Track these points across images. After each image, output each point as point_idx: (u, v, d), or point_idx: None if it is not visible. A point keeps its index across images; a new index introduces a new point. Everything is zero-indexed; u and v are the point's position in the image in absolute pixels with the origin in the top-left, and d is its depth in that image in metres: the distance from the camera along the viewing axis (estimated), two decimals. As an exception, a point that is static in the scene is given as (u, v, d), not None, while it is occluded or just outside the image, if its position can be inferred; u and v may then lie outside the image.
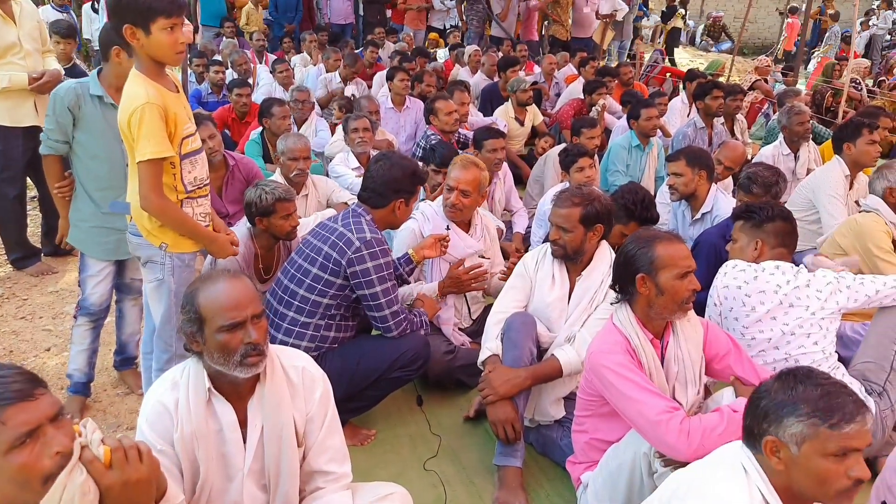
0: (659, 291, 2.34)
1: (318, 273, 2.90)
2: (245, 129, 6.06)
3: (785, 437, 1.64)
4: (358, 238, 2.85)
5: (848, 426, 1.59)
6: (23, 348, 3.90)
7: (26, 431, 1.43)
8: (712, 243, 3.60)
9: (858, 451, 1.61)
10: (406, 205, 3.06)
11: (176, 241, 2.65)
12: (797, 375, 1.70)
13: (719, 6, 18.36)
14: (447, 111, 5.39)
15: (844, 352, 3.15)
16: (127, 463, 1.56)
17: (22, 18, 4.24)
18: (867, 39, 15.26)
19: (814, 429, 1.60)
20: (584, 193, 2.96)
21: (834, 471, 1.60)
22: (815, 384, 1.66)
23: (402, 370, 3.00)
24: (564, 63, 9.21)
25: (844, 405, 1.61)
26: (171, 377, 2.00)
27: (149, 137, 2.43)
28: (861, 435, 1.60)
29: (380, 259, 2.86)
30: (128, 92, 2.48)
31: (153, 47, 2.42)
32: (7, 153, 4.34)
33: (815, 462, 1.61)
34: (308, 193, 4.44)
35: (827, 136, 6.47)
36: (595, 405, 2.48)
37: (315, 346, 2.92)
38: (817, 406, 1.61)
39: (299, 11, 11.28)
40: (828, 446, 1.59)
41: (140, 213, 2.62)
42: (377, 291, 2.87)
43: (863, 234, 3.52)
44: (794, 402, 1.64)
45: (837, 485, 1.61)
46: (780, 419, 1.64)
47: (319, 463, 2.11)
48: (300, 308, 2.92)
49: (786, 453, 1.64)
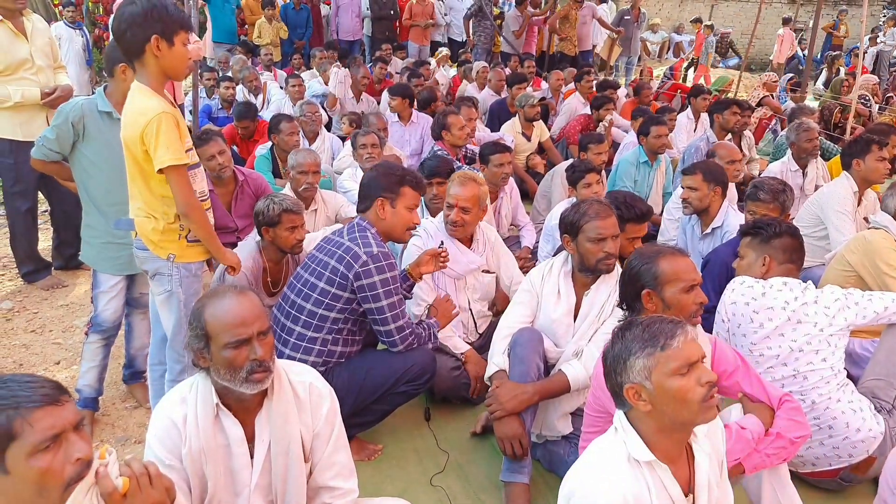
0: (666, 306, 2.34)
1: (325, 287, 2.89)
2: (253, 147, 6.11)
3: (637, 378, 1.79)
4: (365, 252, 2.85)
5: (674, 341, 1.77)
6: (33, 361, 3.92)
7: (52, 435, 1.47)
8: (723, 261, 3.58)
9: (698, 362, 1.78)
10: (391, 206, 2.97)
11: (182, 251, 2.69)
12: (620, 330, 1.90)
13: (727, 22, 18.39)
14: (459, 126, 5.41)
15: (854, 369, 3.14)
16: (140, 491, 1.60)
17: (34, 35, 4.31)
18: (874, 56, 15.25)
19: (651, 358, 1.78)
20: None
21: (686, 385, 1.75)
22: (636, 325, 1.86)
23: (408, 384, 2.99)
24: (572, 79, 9.26)
25: (663, 328, 1.81)
26: (180, 393, 2.01)
27: (168, 145, 2.49)
28: (690, 346, 1.78)
29: (386, 273, 2.86)
30: (137, 105, 2.52)
31: (174, 59, 2.50)
32: (19, 167, 4.38)
33: (669, 384, 1.75)
34: (317, 208, 4.47)
35: (835, 153, 6.46)
36: (602, 421, 2.47)
37: (322, 360, 2.92)
38: (644, 338, 1.81)
39: (309, 28, 11.39)
40: (670, 365, 1.76)
41: (144, 226, 2.67)
42: (383, 305, 2.87)
43: (871, 251, 3.50)
44: (627, 346, 1.83)
45: (695, 395, 1.75)
46: (625, 365, 1.82)
47: (326, 478, 2.11)
48: (307, 323, 2.92)
49: (645, 392, 1.78)
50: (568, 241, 2.96)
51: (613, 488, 1.74)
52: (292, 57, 10.43)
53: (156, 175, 2.56)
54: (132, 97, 2.56)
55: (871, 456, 2.75)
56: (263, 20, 10.73)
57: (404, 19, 11.67)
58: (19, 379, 1.50)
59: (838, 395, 2.74)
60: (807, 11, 16.36)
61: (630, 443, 1.81)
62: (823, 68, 14.29)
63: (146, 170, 2.58)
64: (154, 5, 2.45)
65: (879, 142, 4.26)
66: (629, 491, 1.75)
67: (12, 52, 4.19)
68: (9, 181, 4.54)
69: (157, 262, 2.70)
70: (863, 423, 2.72)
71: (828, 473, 2.85)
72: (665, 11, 17.72)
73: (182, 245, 2.69)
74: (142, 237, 2.71)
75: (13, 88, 4.22)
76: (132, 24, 2.45)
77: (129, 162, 2.61)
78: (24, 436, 1.44)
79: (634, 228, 3.64)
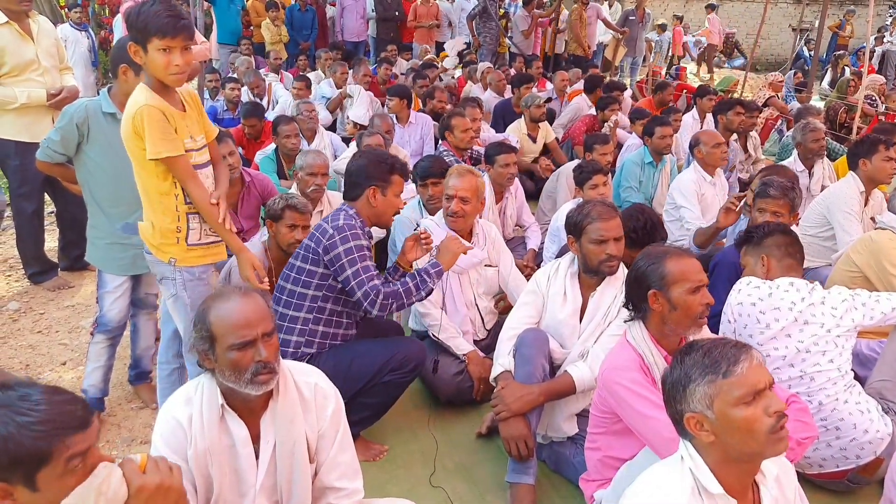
0: (672, 307, 2.34)
1: (300, 265, 2.99)
2: (259, 148, 6.12)
3: (698, 407, 1.68)
4: (332, 226, 2.94)
5: (738, 367, 1.65)
6: (39, 362, 3.93)
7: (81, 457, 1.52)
8: (732, 263, 3.56)
9: (765, 389, 1.66)
10: (382, 194, 3.03)
11: (183, 255, 2.70)
12: (680, 352, 1.78)
13: (732, 22, 18.35)
14: (463, 128, 5.40)
15: (861, 370, 3.13)
16: (158, 470, 1.64)
17: (40, 36, 4.32)
18: (881, 56, 15.21)
19: (713, 385, 1.66)
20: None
21: (753, 415, 1.63)
22: (695, 350, 1.74)
23: (393, 373, 3.00)
24: (577, 80, 9.25)
25: (725, 353, 1.68)
26: (185, 393, 2.02)
27: (161, 136, 2.50)
28: (756, 372, 1.65)
29: (350, 242, 2.90)
30: (129, 101, 2.56)
31: (150, 66, 2.50)
32: (25, 168, 4.40)
33: (733, 414, 1.63)
34: (323, 209, 4.47)
35: (841, 153, 6.43)
36: (608, 422, 2.47)
37: (306, 340, 2.97)
38: (704, 364, 1.69)
39: (314, 29, 11.40)
40: (734, 394, 1.63)
41: (147, 230, 2.69)
42: (348, 274, 2.90)
43: (877, 252, 3.49)
44: (686, 372, 1.71)
45: (763, 425, 1.62)
46: (684, 392, 1.70)
47: (331, 479, 2.11)
48: (287, 302, 2.99)
49: (707, 422, 1.67)
50: (572, 241, 2.96)
51: None
52: (298, 58, 10.44)
53: (152, 170, 2.57)
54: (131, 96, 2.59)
55: (878, 457, 2.74)
56: (269, 22, 10.74)
57: (409, 20, 11.68)
58: (56, 398, 1.53)
59: (845, 397, 2.73)
60: (812, 11, 16.30)
61: (699, 474, 1.70)
62: (829, 68, 14.26)
63: (145, 166, 2.58)
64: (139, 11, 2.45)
65: (886, 142, 4.24)
66: None
67: (18, 53, 4.20)
68: (15, 182, 4.56)
69: (161, 265, 2.72)
70: (870, 425, 2.71)
71: (835, 475, 2.84)
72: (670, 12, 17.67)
73: (182, 248, 2.69)
74: (144, 241, 2.73)
75: (19, 90, 4.23)
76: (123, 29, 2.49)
77: (134, 160, 2.62)
78: (58, 458, 1.48)
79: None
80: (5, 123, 4.32)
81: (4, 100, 4.21)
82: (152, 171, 2.58)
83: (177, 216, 2.65)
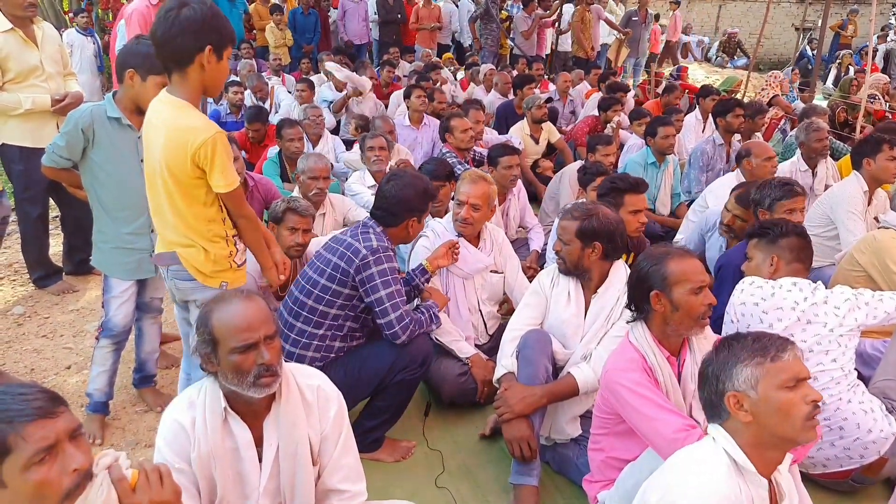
0: (674, 308, 2.34)
1: (326, 283, 2.95)
2: (263, 152, 6.14)
3: (741, 386, 1.80)
4: (365, 247, 2.92)
5: (785, 355, 1.80)
6: (44, 366, 3.94)
7: (45, 447, 1.46)
8: (737, 266, 3.55)
9: (805, 379, 1.79)
10: (419, 222, 3.14)
11: (234, 276, 2.66)
12: (726, 340, 1.92)
13: (734, 22, 18.34)
14: (462, 129, 5.41)
15: (865, 369, 3.12)
16: (149, 486, 1.61)
17: (44, 42, 4.34)
18: (884, 54, 15.17)
19: (761, 367, 1.79)
20: (587, 209, 2.97)
21: (793, 399, 1.76)
22: (743, 337, 1.88)
23: (405, 371, 2.99)
24: (579, 81, 9.24)
25: (773, 340, 1.83)
26: (188, 397, 2.03)
27: (223, 169, 2.42)
28: (799, 363, 1.80)
29: (384, 264, 2.92)
30: (182, 123, 2.39)
31: (218, 73, 2.42)
32: (29, 174, 4.42)
33: (776, 396, 1.76)
34: (325, 212, 4.49)
35: (844, 152, 6.42)
36: (611, 423, 2.47)
37: (321, 356, 2.97)
38: (753, 349, 1.83)
39: (317, 32, 11.42)
40: (780, 377, 1.77)
41: (194, 258, 2.57)
42: (382, 296, 2.91)
43: (881, 251, 3.48)
44: (734, 353, 1.85)
45: (800, 411, 1.75)
46: (730, 372, 1.83)
47: (334, 482, 2.12)
48: (308, 319, 2.97)
49: (748, 401, 1.79)
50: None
51: (715, 489, 1.73)
52: (301, 61, 10.46)
53: (200, 198, 2.47)
54: (171, 112, 2.41)
55: (882, 457, 2.73)
56: (272, 25, 10.77)
57: (411, 23, 11.70)
58: (13, 391, 1.50)
59: (849, 396, 2.72)
60: (815, 11, 16.27)
61: (733, 453, 1.80)
62: (832, 67, 14.23)
63: (193, 193, 2.47)
64: (215, 13, 2.35)
65: (890, 141, 4.23)
66: (731, 493, 1.74)
67: (23, 59, 4.22)
68: (20, 187, 4.58)
69: (207, 291, 2.60)
70: (874, 424, 2.70)
71: (839, 475, 2.83)
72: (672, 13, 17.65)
73: (234, 270, 2.65)
74: (189, 269, 2.58)
75: (24, 95, 4.25)
76: (186, 29, 2.31)
77: (168, 184, 2.46)
78: (18, 450, 1.44)
79: (633, 200, 3.65)
80: (10, 129, 4.34)
81: (9, 105, 4.23)
82: (199, 198, 2.48)
83: (226, 241, 2.60)
